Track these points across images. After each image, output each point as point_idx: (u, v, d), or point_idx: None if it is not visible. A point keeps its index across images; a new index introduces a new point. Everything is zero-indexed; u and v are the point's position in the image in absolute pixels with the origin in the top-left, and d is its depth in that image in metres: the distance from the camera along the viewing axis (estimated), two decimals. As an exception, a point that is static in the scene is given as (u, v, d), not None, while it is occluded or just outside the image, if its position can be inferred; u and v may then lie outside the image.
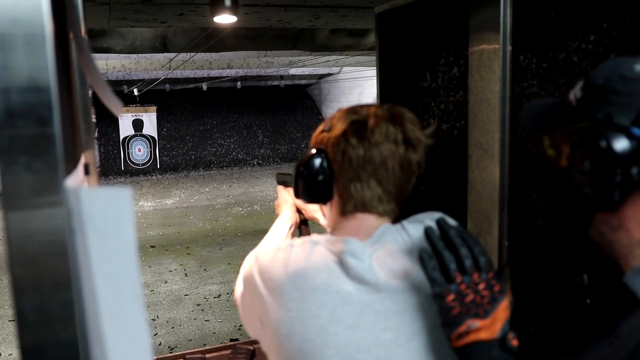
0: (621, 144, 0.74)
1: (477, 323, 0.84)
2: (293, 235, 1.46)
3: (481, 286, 0.86)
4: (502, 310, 0.85)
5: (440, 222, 0.93)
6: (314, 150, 1.11)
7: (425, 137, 1.07)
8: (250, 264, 1.09)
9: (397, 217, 1.11)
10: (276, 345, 1.01)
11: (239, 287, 1.16)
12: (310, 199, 1.13)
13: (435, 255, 0.90)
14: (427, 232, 0.92)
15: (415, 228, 1.04)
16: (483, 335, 0.84)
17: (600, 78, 0.79)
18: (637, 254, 0.79)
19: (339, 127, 1.06)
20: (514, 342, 0.84)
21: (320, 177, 1.08)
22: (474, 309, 0.85)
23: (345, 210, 1.07)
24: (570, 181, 0.82)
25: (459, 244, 0.89)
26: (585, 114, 0.80)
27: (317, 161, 1.08)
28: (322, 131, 1.12)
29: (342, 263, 0.99)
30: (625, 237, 0.79)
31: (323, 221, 1.41)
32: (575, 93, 0.84)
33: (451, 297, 0.86)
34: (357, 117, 1.05)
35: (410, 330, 0.96)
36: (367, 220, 1.06)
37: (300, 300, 0.98)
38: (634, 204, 0.77)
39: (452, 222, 0.95)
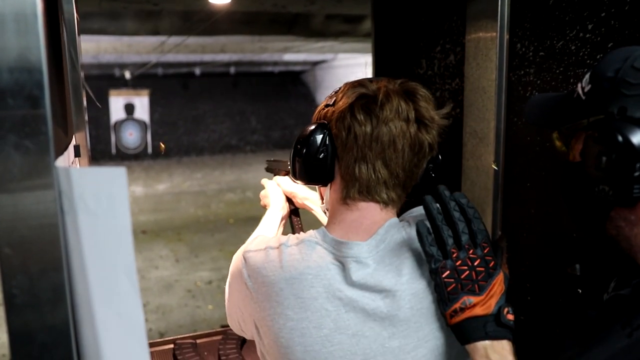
0: (638, 138, 0.71)
1: (472, 299, 0.84)
2: (284, 226, 1.37)
3: (476, 262, 0.85)
4: (497, 285, 0.85)
5: (440, 193, 0.88)
6: (314, 125, 1.00)
7: (440, 117, 0.98)
8: (238, 265, 1.00)
9: (404, 206, 1.05)
10: (275, 354, 0.95)
11: (226, 291, 1.07)
12: (309, 180, 1.02)
13: (433, 230, 0.88)
14: (426, 204, 0.88)
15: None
16: (478, 311, 0.84)
17: (610, 70, 0.76)
18: None
19: (345, 101, 0.96)
20: (510, 317, 0.84)
21: (322, 155, 0.98)
22: (469, 285, 0.84)
23: (348, 195, 0.97)
24: (583, 177, 0.79)
25: (457, 217, 0.87)
26: (596, 108, 0.77)
27: (319, 137, 0.97)
28: (326, 106, 1.01)
29: (344, 268, 0.92)
30: None
31: (316, 208, 1.36)
32: (582, 86, 0.81)
33: (447, 273, 0.85)
34: (365, 91, 0.95)
35: (418, 337, 0.91)
36: (370, 212, 0.97)
37: (300, 309, 0.91)
38: None
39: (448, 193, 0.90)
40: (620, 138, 0.72)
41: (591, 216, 0.83)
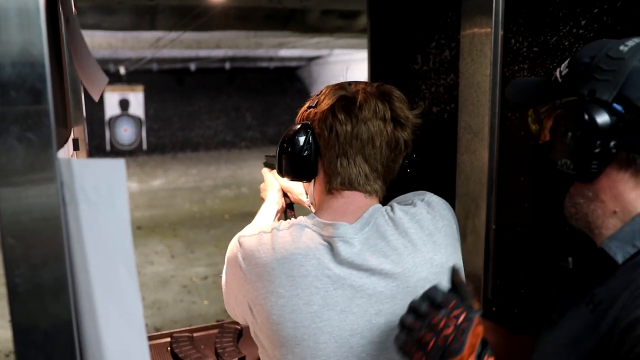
0: (603, 118, 0.77)
1: None
2: (280, 219, 1.43)
3: (447, 331, 0.80)
4: (475, 336, 0.81)
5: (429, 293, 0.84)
6: (299, 125, 1.08)
7: (413, 116, 1.06)
8: (234, 249, 1.06)
9: (385, 198, 1.10)
10: (268, 332, 0.99)
11: (223, 274, 1.13)
12: (294, 176, 1.10)
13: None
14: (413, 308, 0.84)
15: (403, 211, 1.03)
16: None
17: (587, 57, 0.82)
18: (610, 225, 0.83)
19: (327, 102, 1.04)
20: None
21: (306, 153, 1.06)
22: (445, 352, 0.79)
23: (331, 187, 1.05)
24: (549, 152, 0.84)
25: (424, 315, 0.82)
26: (570, 90, 0.83)
27: (303, 136, 1.06)
28: (309, 107, 1.10)
29: (332, 248, 0.98)
30: (600, 208, 0.83)
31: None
32: (560, 70, 0.87)
33: (418, 355, 0.81)
34: (345, 93, 1.04)
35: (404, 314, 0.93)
36: (355, 199, 1.04)
37: (290, 286, 0.96)
38: (609, 177, 0.81)
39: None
40: (586, 117, 0.78)
41: (552, 191, 0.89)
